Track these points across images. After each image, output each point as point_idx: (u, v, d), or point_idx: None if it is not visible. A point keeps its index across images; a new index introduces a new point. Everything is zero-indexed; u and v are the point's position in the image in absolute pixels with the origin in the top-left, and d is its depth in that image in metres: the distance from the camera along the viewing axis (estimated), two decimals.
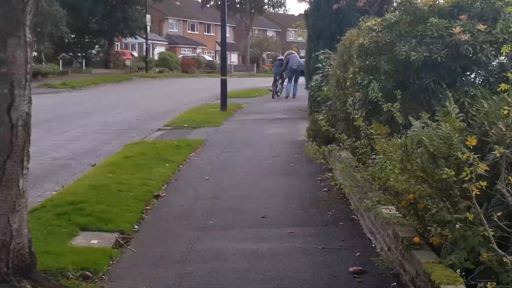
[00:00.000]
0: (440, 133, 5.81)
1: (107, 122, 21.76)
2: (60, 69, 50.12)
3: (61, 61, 53.80)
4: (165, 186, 11.16)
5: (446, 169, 5.34)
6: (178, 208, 9.58)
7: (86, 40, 59.42)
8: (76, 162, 14.29)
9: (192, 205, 9.73)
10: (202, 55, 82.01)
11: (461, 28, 7.65)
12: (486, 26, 7.63)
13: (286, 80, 31.73)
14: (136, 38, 66.35)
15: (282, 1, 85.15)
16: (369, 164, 6.57)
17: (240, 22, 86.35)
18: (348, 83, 8.93)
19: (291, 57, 30.90)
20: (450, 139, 5.70)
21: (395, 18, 8.58)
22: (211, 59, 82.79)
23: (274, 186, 10.91)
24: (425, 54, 7.74)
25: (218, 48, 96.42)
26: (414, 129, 5.96)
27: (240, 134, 17.72)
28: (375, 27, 8.61)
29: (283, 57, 32.17)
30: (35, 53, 47.66)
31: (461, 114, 6.19)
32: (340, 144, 10.80)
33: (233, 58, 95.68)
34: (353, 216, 8.75)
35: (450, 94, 6.32)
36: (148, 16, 61.11)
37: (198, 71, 67.73)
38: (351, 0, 19.88)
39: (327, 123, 11.45)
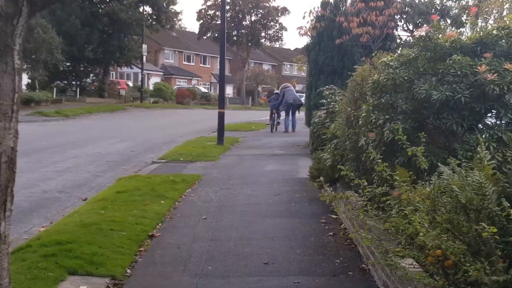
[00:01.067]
0: (471, 181, 5.22)
1: (100, 153, 21.13)
2: (54, 97, 49.50)
3: (55, 89, 53.19)
4: (160, 225, 10.51)
5: (484, 224, 4.73)
6: (174, 250, 8.92)
7: (81, 69, 58.97)
8: (67, 196, 13.65)
9: (189, 247, 9.07)
10: (197, 86, 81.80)
11: (487, 67, 7.09)
12: None
13: (283, 114, 31.26)
14: (131, 68, 66.01)
15: (279, 35, 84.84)
16: (392, 214, 5.92)
17: (236, 54, 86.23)
18: (360, 122, 8.33)
19: (286, 91, 30.68)
20: (483, 189, 5.10)
21: (413, 54, 8.02)
22: (206, 90, 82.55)
23: (276, 228, 10.26)
24: (447, 93, 7.17)
25: (214, 80, 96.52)
26: (444, 176, 5.35)
27: (238, 170, 17.10)
28: (391, 63, 8.04)
29: (279, 91, 31.97)
30: (28, 80, 47.18)
31: (492, 161, 5.60)
32: (351, 184, 10.25)
33: (228, 90, 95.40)
34: (363, 266, 8.10)
35: (481, 139, 5.71)
36: (144, 46, 60.73)
37: (193, 102, 67.31)
38: (354, 35, 19.51)
39: (334, 163, 10.93)
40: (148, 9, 61.93)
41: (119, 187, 13.55)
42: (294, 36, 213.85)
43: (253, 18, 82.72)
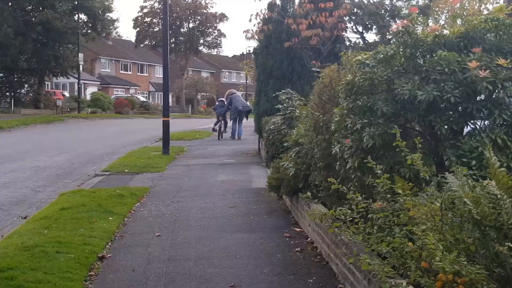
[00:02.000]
0: (485, 193, 4.50)
1: (39, 166, 19.96)
2: None
3: None
4: (110, 244, 9.60)
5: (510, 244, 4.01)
6: (127, 273, 8.02)
7: (15, 79, 57.12)
8: (5, 214, 12.62)
9: (145, 269, 8.19)
10: (135, 95, 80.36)
11: (477, 63, 6.40)
12: (507, 61, 6.40)
13: (231, 121, 30.77)
14: (67, 78, 64.22)
15: (218, 42, 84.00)
16: (395, 233, 5.15)
17: (175, 62, 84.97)
18: (332, 127, 7.55)
19: (234, 97, 30.16)
20: (501, 202, 4.39)
21: (391, 51, 7.29)
22: (144, 99, 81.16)
23: (238, 245, 9.43)
24: (435, 93, 6.46)
25: (152, 88, 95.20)
26: (454, 188, 4.61)
27: (187, 181, 16.19)
28: (367, 61, 7.30)
29: (224, 98, 31.42)
30: None
31: (502, 169, 4.89)
32: (319, 195, 9.50)
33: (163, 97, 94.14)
34: (340, 286, 7.32)
35: (489, 144, 4.99)
36: (80, 55, 59.14)
37: (132, 112, 66.00)
38: (303, 38, 18.83)
39: (297, 172, 10.16)
40: (83, 17, 60.50)
41: (63, 203, 12.54)
42: (232, 43, 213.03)
43: (191, 25, 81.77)
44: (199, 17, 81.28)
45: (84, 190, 14.36)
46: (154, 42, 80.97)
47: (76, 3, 57.40)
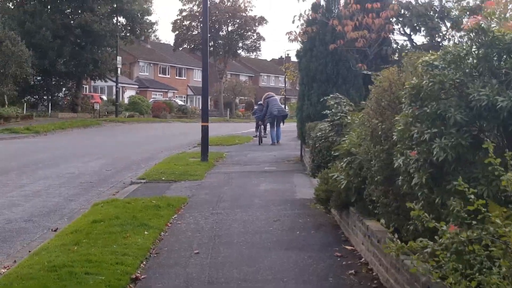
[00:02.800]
0: None
1: (74, 173, 19.30)
2: (24, 112, 47.46)
3: (25, 104, 51.18)
4: (145, 263, 8.79)
5: None
6: None
7: (53, 82, 56.89)
8: (34, 225, 11.90)
9: None
10: (173, 99, 79.95)
11: None
12: None
13: (268, 125, 30.11)
14: (105, 81, 63.91)
15: (257, 45, 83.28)
16: (487, 271, 4.22)
17: (213, 66, 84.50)
18: (395, 137, 6.63)
19: (270, 101, 29.42)
20: None
21: (464, 51, 6.36)
22: (182, 103, 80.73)
23: (285, 265, 8.55)
24: None
25: (190, 92, 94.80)
26: None
27: (227, 190, 15.35)
28: (436, 63, 6.37)
29: (262, 102, 30.60)
30: None
31: None
32: (375, 211, 8.59)
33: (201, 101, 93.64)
34: None
35: None
36: (119, 58, 58.77)
37: (169, 115, 65.52)
38: (349, 40, 17.90)
39: (350, 184, 9.25)
40: (122, 20, 60.16)
41: (95, 215, 11.77)
42: (271, 46, 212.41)
43: (229, 28, 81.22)
44: (238, 20, 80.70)
45: (118, 200, 13.58)
46: (192, 46, 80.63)
47: (115, 6, 57.07)
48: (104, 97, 69.03)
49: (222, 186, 16.05)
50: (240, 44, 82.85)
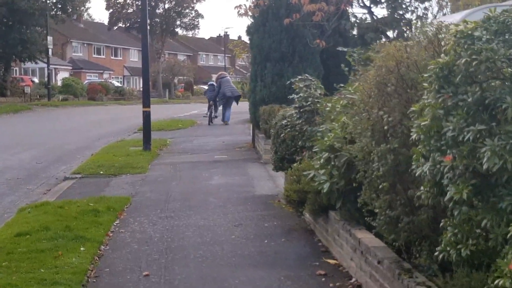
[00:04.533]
0: None
1: None
2: None
3: None
4: None
5: None
6: None
7: None
8: None
9: None
10: (110, 80, 77.09)
11: None
12: None
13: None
14: (36, 63, 60.66)
15: (195, 23, 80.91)
16: None
17: (150, 45, 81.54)
18: (414, 135, 4.89)
19: (223, 81, 28.96)
20: None
21: None
22: (119, 84, 78.02)
23: None
24: None
25: (127, 73, 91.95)
26: None
27: (176, 186, 13.50)
28: (477, 33, 4.65)
29: (214, 82, 30.49)
30: None
31: None
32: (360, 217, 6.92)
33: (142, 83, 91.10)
34: None
35: None
36: (49, 38, 55.75)
37: (106, 98, 62.96)
38: (305, 13, 16.16)
39: (333, 186, 7.53)
40: None
41: (20, 225, 9.82)
42: (209, 25, 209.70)
43: (166, 6, 78.58)
44: None
45: (49, 203, 11.55)
46: (128, 24, 77.95)
47: None
48: (36, 80, 65.87)
49: (170, 181, 14.18)
50: (178, 22, 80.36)
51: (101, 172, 15.44)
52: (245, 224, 9.75)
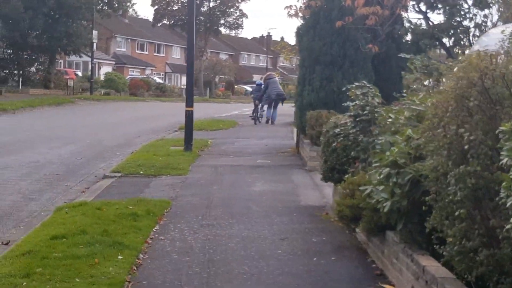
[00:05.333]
0: None
1: (38, 162, 16.82)
2: None
3: None
4: None
5: None
6: None
7: (25, 56, 53.94)
8: None
9: None
10: (151, 76, 77.02)
11: None
12: None
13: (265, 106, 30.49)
14: (80, 56, 60.84)
15: (239, 23, 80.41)
16: None
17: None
18: (505, 159, 4.28)
19: (270, 82, 29.65)
20: None
21: None
22: (161, 81, 77.95)
23: None
24: None
25: (168, 69, 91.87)
26: None
27: (218, 191, 12.97)
28: None
29: (262, 81, 31.22)
30: None
31: None
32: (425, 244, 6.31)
33: (183, 81, 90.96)
34: None
35: None
36: (94, 32, 55.72)
37: (147, 94, 62.78)
38: (358, 17, 15.55)
39: (394, 206, 6.93)
40: None
41: (57, 227, 9.38)
42: (252, 24, 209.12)
43: (211, 4, 78.25)
44: None
45: (87, 204, 11.12)
46: (172, 21, 77.79)
47: None
48: (79, 73, 66.06)
49: (211, 185, 13.67)
50: (222, 21, 79.98)
51: (141, 172, 15.01)
52: (292, 238, 9.17)
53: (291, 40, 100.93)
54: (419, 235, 6.65)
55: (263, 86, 30.42)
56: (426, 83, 11.62)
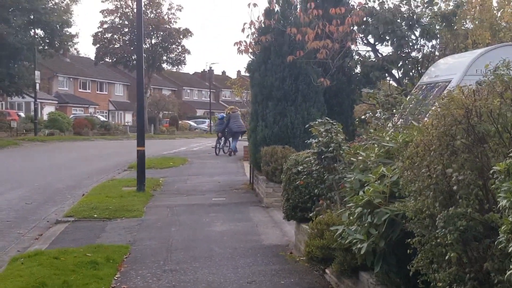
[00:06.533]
0: None
1: None
2: None
3: None
4: None
5: None
6: None
7: None
8: None
9: None
10: (95, 115, 76.19)
11: None
12: None
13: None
14: (23, 97, 59.64)
15: (182, 58, 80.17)
16: None
17: (135, 80, 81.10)
18: (502, 202, 4.14)
19: (232, 116, 31.84)
20: None
21: None
22: (104, 119, 77.08)
23: None
24: None
25: (112, 107, 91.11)
26: None
27: (176, 233, 12.67)
28: None
29: (224, 115, 33.79)
30: None
31: None
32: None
33: (127, 118, 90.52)
34: None
35: None
36: (37, 73, 54.77)
37: (92, 132, 61.96)
38: (309, 50, 15.58)
39: (370, 247, 6.76)
40: (40, 32, 56.17)
41: (13, 280, 8.94)
42: (194, 59, 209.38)
43: (153, 41, 78.00)
44: (162, 33, 77.58)
45: (43, 252, 10.70)
46: (114, 59, 77.18)
47: (32, 17, 53.19)
48: (22, 114, 64.82)
49: (169, 227, 13.36)
50: (165, 58, 79.73)
51: (95, 216, 14.60)
52: (259, 281, 8.92)
53: (232, 74, 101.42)
54: (397, 276, 6.50)
55: (224, 119, 32.76)
56: (377, 115, 11.61)
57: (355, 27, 17.31)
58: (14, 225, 14.23)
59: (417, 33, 17.60)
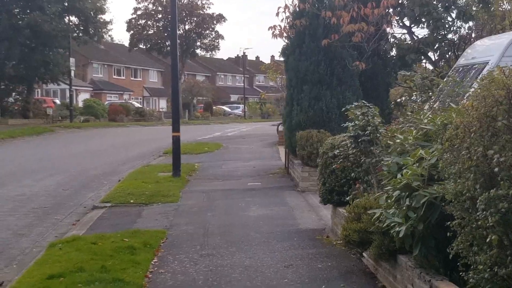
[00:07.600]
0: None
1: (24, 194, 16.44)
2: None
3: None
4: None
5: None
6: None
7: (2, 87, 53.29)
8: None
9: None
10: (130, 101, 76.59)
11: None
12: None
13: None
14: (58, 84, 60.28)
15: (215, 44, 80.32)
16: None
17: (169, 66, 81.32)
18: None
19: None
20: None
21: None
22: (139, 105, 77.48)
23: None
24: None
25: (146, 93, 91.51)
26: None
27: (212, 218, 12.70)
28: None
29: None
30: None
31: None
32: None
33: (161, 104, 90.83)
34: None
35: None
36: (72, 60, 55.27)
37: (126, 119, 62.36)
38: (344, 34, 15.45)
39: (409, 231, 6.68)
40: (74, 19, 56.67)
41: (52, 265, 9.03)
42: (227, 45, 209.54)
43: (187, 27, 78.15)
44: (195, 18, 77.70)
45: (81, 238, 10.79)
46: (148, 45, 77.54)
47: (66, 4, 53.69)
48: (57, 101, 65.43)
49: (205, 212, 13.39)
50: (198, 43, 79.91)
51: (131, 201, 14.70)
52: (296, 265, 8.90)
53: (266, 59, 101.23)
54: (436, 259, 6.42)
55: None
56: (413, 98, 11.50)
57: (391, 10, 17.12)
58: (52, 211, 14.37)
59: (454, 15, 17.39)
